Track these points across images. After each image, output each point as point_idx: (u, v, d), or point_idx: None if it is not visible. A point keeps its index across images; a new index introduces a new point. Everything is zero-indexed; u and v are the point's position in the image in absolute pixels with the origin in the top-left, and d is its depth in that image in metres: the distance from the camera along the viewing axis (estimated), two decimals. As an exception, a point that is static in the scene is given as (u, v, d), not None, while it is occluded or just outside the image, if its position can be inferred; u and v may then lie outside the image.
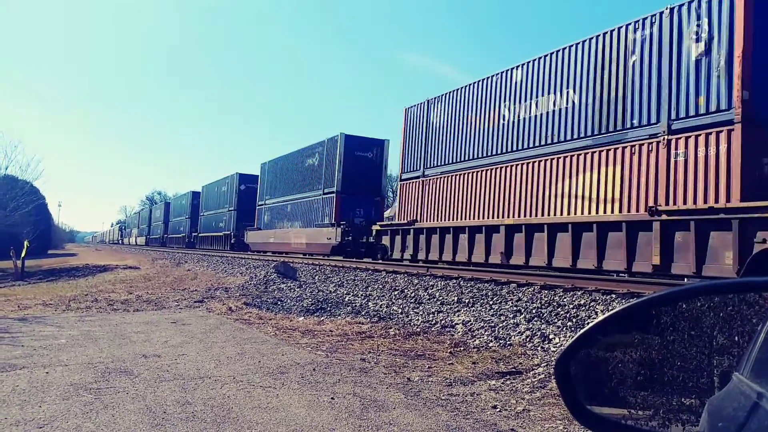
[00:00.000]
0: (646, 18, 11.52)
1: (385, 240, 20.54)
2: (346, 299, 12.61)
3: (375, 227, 21.73)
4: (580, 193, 12.51)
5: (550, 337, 7.62)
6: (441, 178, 17.89)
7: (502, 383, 5.56)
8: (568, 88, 13.23)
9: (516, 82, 14.96)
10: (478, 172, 16.08)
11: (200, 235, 49.88)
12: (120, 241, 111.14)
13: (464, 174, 16.67)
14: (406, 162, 20.14)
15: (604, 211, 11.82)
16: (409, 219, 19.13)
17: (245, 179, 41.22)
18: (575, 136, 12.87)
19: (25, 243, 26.83)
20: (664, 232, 10.24)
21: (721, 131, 9.83)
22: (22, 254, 25.61)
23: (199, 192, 53.87)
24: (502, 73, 15.60)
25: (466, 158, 16.80)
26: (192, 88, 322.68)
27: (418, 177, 19.21)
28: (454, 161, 17.38)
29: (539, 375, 5.76)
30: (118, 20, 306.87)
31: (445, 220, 17.28)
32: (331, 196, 26.45)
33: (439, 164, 18.16)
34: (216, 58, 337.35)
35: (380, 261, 20.17)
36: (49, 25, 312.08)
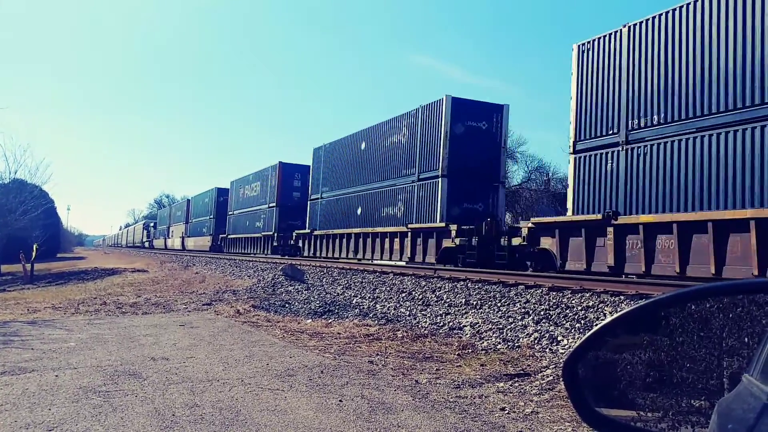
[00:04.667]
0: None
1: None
2: (354, 301, 12.62)
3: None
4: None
5: (559, 338, 7.59)
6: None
7: (511, 385, 5.55)
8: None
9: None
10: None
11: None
12: (147, 244, 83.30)
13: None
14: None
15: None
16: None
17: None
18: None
19: (34, 246, 27.04)
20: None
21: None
22: (32, 258, 25.80)
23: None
24: None
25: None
26: (200, 90, 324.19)
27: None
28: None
29: (547, 377, 5.74)
30: (124, 24, 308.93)
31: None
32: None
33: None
34: (222, 61, 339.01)
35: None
36: (50, 26, 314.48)
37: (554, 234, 13.80)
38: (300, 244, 31.39)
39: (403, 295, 12.73)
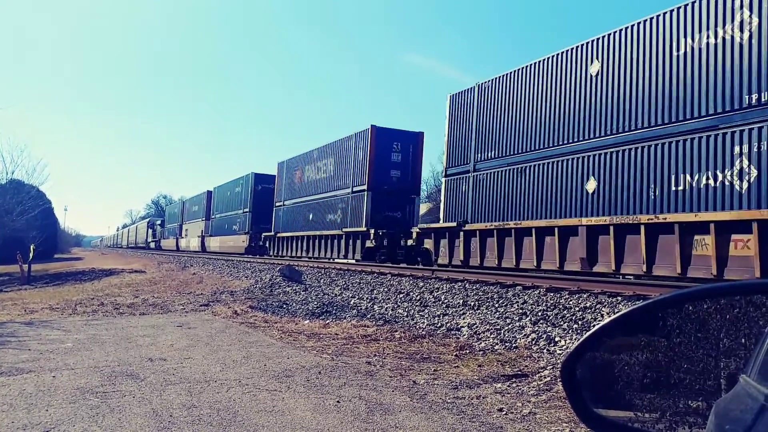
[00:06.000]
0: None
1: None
2: (352, 302, 12.61)
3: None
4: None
5: (556, 339, 7.60)
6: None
7: (508, 386, 5.55)
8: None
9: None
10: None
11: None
12: (153, 245, 73.51)
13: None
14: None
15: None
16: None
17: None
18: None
19: (32, 247, 27.00)
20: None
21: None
22: (29, 258, 25.76)
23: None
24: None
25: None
26: (198, 91, 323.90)
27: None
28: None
29: (545, 378, 5.74)
30: (123, 24, 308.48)
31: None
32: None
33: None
34: (218, 62, 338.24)
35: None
36: (49, 26, 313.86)
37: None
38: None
39: (401, 295, 12.72)
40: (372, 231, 22.17)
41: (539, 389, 5.36)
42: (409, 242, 20.21)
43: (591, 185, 13.02)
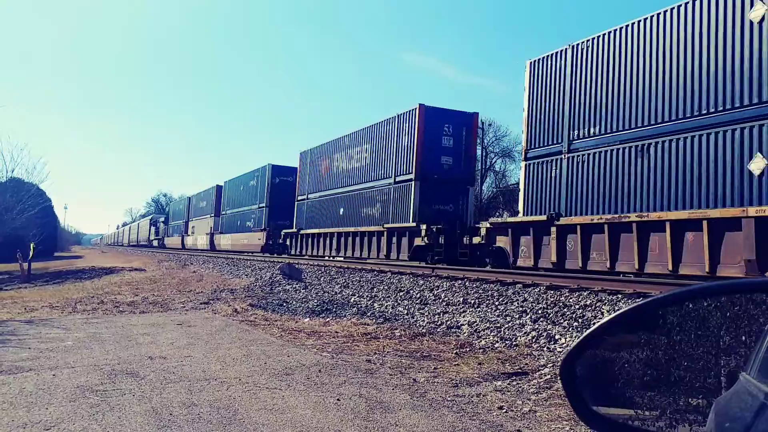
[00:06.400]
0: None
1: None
2: (352, 300, 12.62)
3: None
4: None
5: (556, 337, 7.60)
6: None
7: (508, 384, 5.55)
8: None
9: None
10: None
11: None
12: (156, 243, 69.76)
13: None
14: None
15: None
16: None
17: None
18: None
19: (32, 245, 26.97)
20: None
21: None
22: (29, 257, 25.75)
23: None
24: None
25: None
26: (197, 90, 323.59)
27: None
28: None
29: (545, 375, 5.74)
30: (122, 24, 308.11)
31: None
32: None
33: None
34: (218, 62, 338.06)
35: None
36: (49, 25, 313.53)
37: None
38: (288, 243, 30.87)
39: (401, 293, 12.73)
40: (424, 227, 18.81)
41: (539, 387, 5.36)
42: (475, 240, 16.90)
43: (758, 164, 9.91)
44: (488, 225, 16.41)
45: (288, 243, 31.29)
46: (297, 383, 5.46)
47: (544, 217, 13.87)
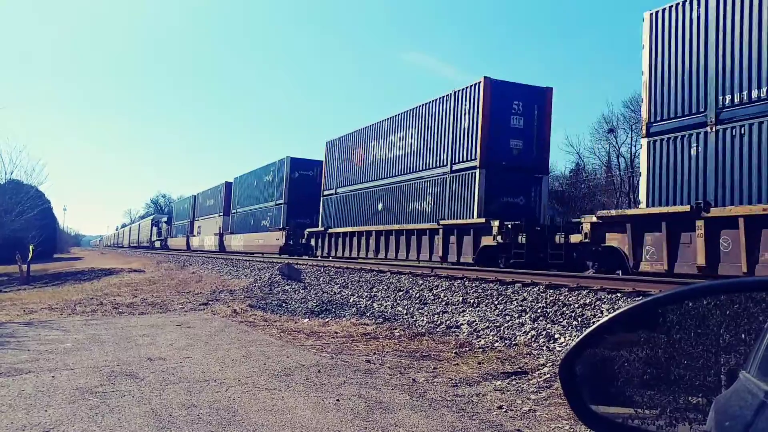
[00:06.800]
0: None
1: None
2: (351, 300, 12.61)
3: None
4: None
5: (556, 336, 7.60)
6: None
7: (508, 383, 5.55)
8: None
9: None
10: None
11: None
12: (158, 244, 67.41)
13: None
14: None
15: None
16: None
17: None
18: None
19: (31, 247, 26.98)
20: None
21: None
22: (28, 258, 25.74)
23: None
24: None
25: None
26: (197, 90, 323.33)
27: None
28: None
29: (545, 375, 5.74)
30: (122, 24, 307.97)
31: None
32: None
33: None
34: (218, 62, 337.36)
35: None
36: (49, 25, 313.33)
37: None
38: (312, 243, 27.87)
39: (401, 293, 12.73)
40: (496, 223, 15.52)
41: (539, 386, 5.36)
42: (573, 238, 13.69)
43: None
44: (595, 219, 12.86)
45: (313, 243, 28.17)
46: (296, 384, 5.45)
47: (685, 208, 10.64)
